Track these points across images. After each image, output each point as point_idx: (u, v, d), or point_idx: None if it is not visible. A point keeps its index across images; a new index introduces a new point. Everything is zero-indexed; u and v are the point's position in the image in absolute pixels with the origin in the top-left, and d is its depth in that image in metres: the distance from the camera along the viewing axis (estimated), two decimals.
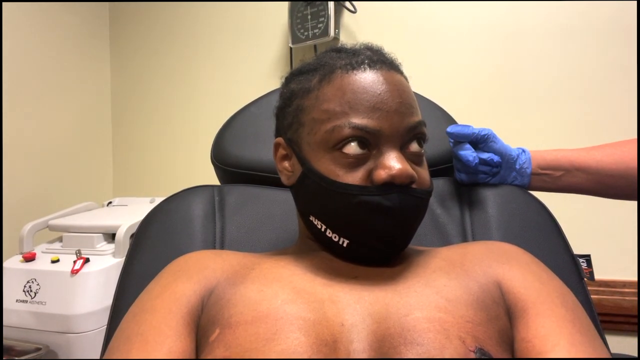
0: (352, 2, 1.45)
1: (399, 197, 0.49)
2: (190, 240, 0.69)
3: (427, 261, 0.53)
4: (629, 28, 1.16)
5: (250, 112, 0.84)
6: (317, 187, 0.51)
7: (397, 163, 0.49)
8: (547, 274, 0.52)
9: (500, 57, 1.31)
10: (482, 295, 0.48)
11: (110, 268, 1.16)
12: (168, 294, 0.49)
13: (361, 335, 0.43)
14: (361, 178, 0.50)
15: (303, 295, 0.47)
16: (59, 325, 1.11)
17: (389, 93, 0.51)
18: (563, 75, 1.24)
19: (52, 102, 1.76)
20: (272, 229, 0.73)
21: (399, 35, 1.44)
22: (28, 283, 1.16)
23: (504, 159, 0.72)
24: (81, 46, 1.89)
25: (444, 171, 0.78)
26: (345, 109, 0.50)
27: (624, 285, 1.14)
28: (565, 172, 0.71)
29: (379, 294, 0.47)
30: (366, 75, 0.51)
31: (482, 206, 0.71)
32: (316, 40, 1.46)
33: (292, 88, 0.57)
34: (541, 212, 0.71)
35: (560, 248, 0.68)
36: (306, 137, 0.53)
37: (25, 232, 1.30)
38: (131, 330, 0.46)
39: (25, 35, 1.66)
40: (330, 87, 0.52)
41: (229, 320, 0.44)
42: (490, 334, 0.44)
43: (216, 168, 0.83)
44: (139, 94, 1.96)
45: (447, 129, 0.71)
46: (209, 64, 1.79)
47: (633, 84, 1.16)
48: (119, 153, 2.01)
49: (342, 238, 0.51)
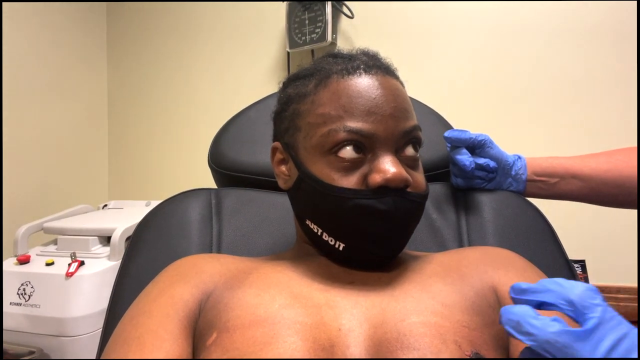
0: (347, 5, 1.46)
1: (393, 200, 0.49)
2: (186, 243, 0.69)
3: (423, 266, 0.53)
4: (628, 29, 1.17)
5: (248, 116, 0.85)
6: (313, 190, 0.52)
7: (392, 167, 0.49)
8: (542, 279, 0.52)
9: (498, 63, 1.32)
10: (478, 300, 0.48)
11: (105, 271, 1.16)
12: (165, 298, 0.49)
13: (358, 340, 0.43)
14: (356, 182, 0.50)
15: (300, 299, 0.47)
16: (53, 328, 1.10)
17: (384, 97, 0.51)
18: (560, 80, 1.24)
19: (48, 104, 1.75)
20: (269, 233, 0.73)
21: (395, 41, 1.45)
22: (22, 286, 1.15)
23: (500, 165, 0.72)
24: (78, 47, 1.89)
25: (441, 176, 0.79)
26: (340, 112, 0.50)
27: (619, 290, 1.14)
28: (560, 179, 0.72)
29: (375, 299, 0.47)
30: (361, 79, 0.52)
31: (478, 211, 0.72)
32: (313, 45, 1.46)
33: (289, 93, 0.57)
34: (536, 218, 0.71)
35: (555, 253, 0.68)
36: (302, 141, 0.54)
37: (19, 235, 1.29)
38: (128, 333, 0.46)
39: (20, 35, 1.65)
40: (326, 91, 0.52)
41: (227, 324, 0.44)
42: (486, 339, 0.44)
43: (213, 171, 0.83)
44: (136, 97, 1.95)
45: (445, 134, 0.71)
46: (207, 67, 1.80)
47: (630, 87, 1.16)
48: (115, 155, 2.00)
49: (337, 242, 0.52)
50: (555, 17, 1.24)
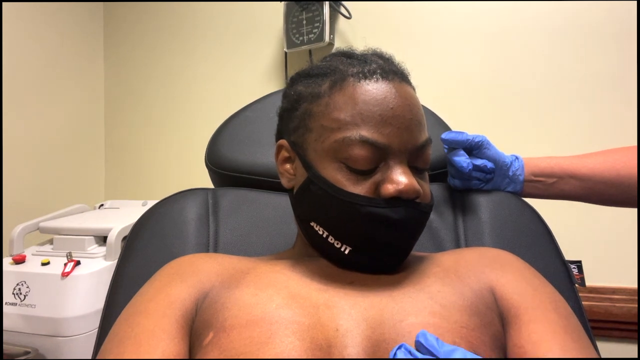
0: (345, 6, 1.46)
1: (405, 210, 0.49)
2: (183, 243, 0.69)
3: (421, 267, 0.53)
4: (627, 29, 1.17)
5: (246, 115, 0.85)
6: (324, 194, 0.51)
7: (405, 178, 0.49)
8: (539, 280, 0.52)
9: (496, 63, 1.32)
10: (475, 301, 0.48)
11: (101, 271, 1.15)
12: (162, 297, 0.48)
13: (356, 341, 0.43)
14: (368, 190, 0.50)
15: (298, 299, 0.47)
16: (49, 328, 1.09)
17: (401, 108, 0.51)
18: (557, 80, 1.24)
19: (45, 103, 1.74)
20: (266, 233, 0.73)
21: (393, 41, 1.45)
22: (18, 286, 1.15)
23: (498, 166, 0.72)
24: (74, 47, 1.88)
25: (438, 177, 0.79)
26: (356, 120, 0.50)
27: (614, 291, 1.15)
28: (557, 179, 0.72)
29: (374, 299, 0.47)
30: (378, 86, 0.51)
31: (475, 212, 0.72)
32: (311, 45, 1.46)
33: (300, 90, 0.56)
34: (533, 219, 0.71)
35: (552, 254, 0.68)
36: (313, 143, 0.53)
37: (15, 234, 1.28)
38: (124, 332, 0.46)
39: (17, 35, 1.64)
40: (341, 95, 0.52)
41: (224, 324, 0.44)
42: (483, 339, 0.44)
43: (210, 171, 0.83)
44: (133, 96, 1.95)
45: (442, 136, 0.71)
46: (204, 67, 1.79)
47: (629, 87, 1.16)
48: (112, 155, 2.00)
49: (344, 245, 0.51)
50: (554, 17, 1.25)
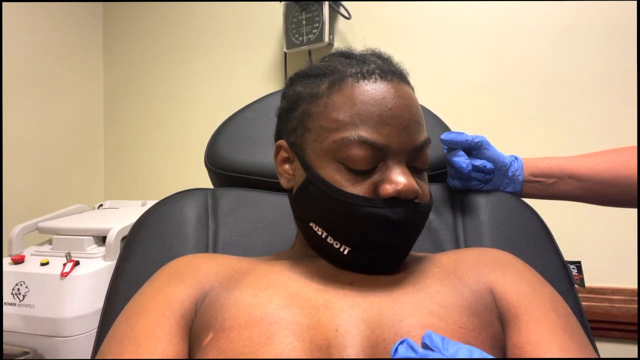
0: (344, 6, 1.46)
1: (405, 211, 0.49)
2: (182, 243, 0.69)
3: (420, 268, 0.53)
4: (626, 30, 1.17)
5: (245, 116, 0.85)
6: (323, 194, 0.51)
7: (404, 179, 0.49)
8: (539, 280, 0.52)
9: (495, 63, 1.32)
10: (475, 302, 0.48)
11: (100, 271, 1.15)
12: (161, 297, 0.48)
13: (355, 341, 0.43)
14: (366, 190, 0.50)
15: (297, 300, 0.47)
16: (48, 328, 1.09)
17: (400, 108, 0.51)
18: (556, 81, 1.24)
19: (44, 103, 1.74)
20: (266, 233, 0.73)
21: (392, 42, 1.45)
22: (16, 286, 1.15)
23: (497, 166, 0.72)
24: (73, 47, 1.88)
25: (437, 177, 0.79)
26: (355, 120, 0.50)
27: (613, 292, 1.15)
28: (557, 179, 0.72)
29: (373, 300, 0.47)
30: (377, 86, 0.51)
31: (475, 212, 0.72)
32: (311, 46, 1.46)
33: (299, 91, 0.56)
34: (533, 219, 0.71)
35: (551, 254, 0.68)
36: (312, 144, 0.53)
37: (14, 234, 1.28)
38: (123, 333, 0.46)
39: (16, 34, 1.64)
40: (340, 95, 0.52)
41: (223, 325, 0.44)
42: (483, 340, 0.44)
43: (209, 171, 0.83)
44: (132, 96, 1.95)
45: (441, 136, 0.71)
46: (203, 67, 1.79)
47: (629, 87, 1.16)
48: (111, 155, 1.99)
49: (344, 245, 0.51)
50: (554, 17, 1.25)
